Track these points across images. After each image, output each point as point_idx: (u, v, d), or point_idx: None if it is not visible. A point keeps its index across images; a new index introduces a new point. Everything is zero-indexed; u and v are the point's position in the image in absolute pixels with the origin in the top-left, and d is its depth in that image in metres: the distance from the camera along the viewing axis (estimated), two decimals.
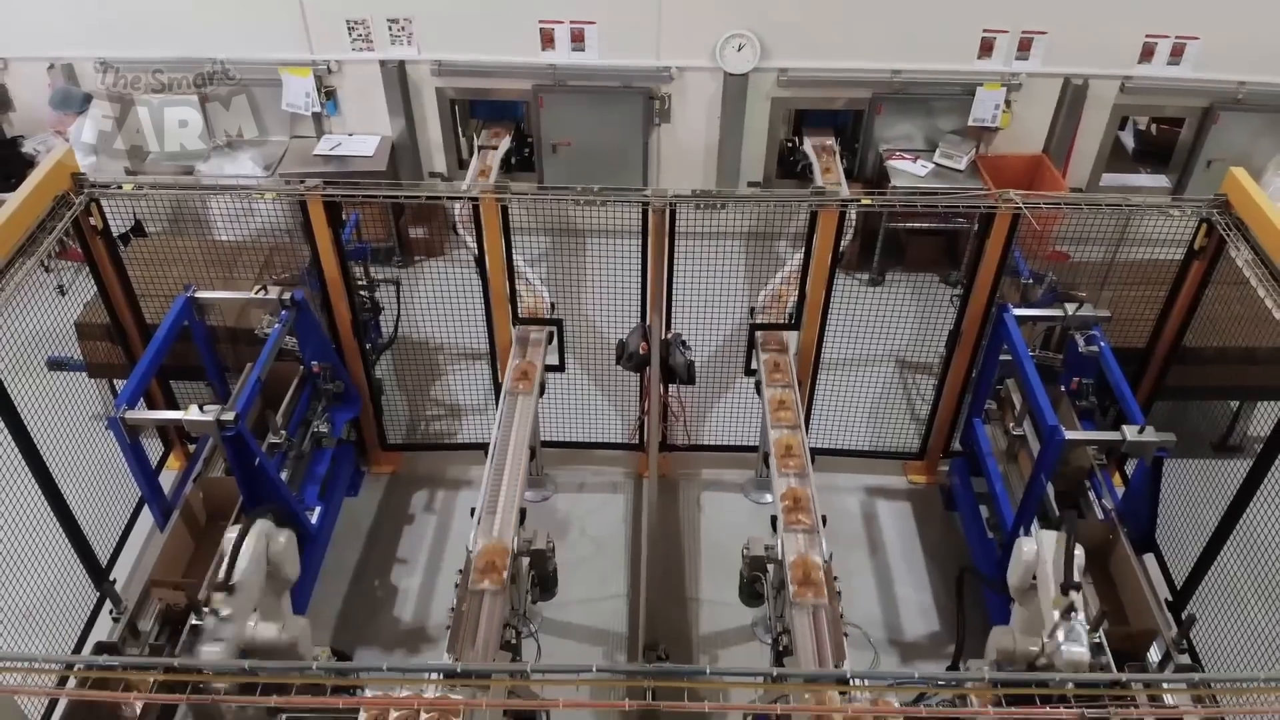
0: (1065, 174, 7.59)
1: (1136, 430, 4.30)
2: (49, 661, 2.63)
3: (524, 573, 4.24)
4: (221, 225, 6.83)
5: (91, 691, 2.59)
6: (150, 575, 4.43)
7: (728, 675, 2.61)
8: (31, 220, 4.47)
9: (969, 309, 5.25)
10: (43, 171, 4.65)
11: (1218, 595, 4.89)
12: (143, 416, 4.43)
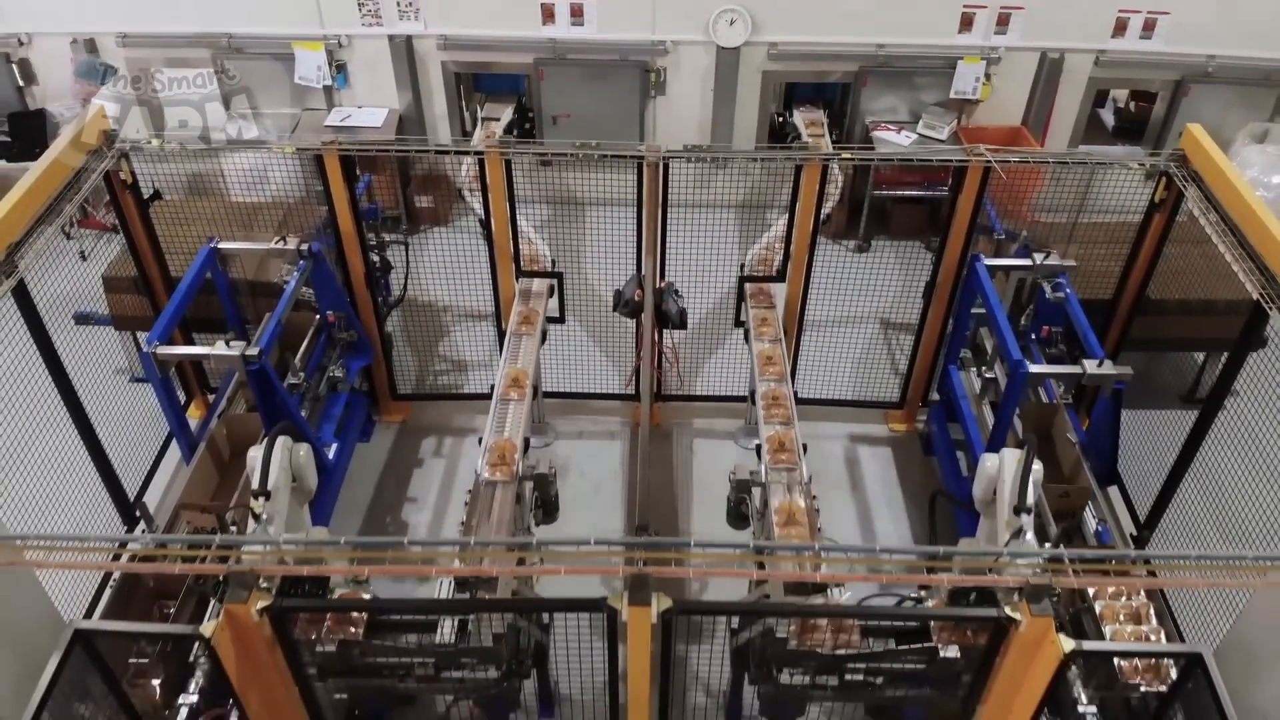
0: (1043, 144, 7.87)
1: (1096, 364, 4.60)
2: (103, 540, 2.92)
3: (528, 495, 4.53)
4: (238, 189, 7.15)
5: (144, 565, 2.88)
6: (179, 501, 4.73)
7: (710, 547, 2.89)
8: (68, 172, 4.74)
9: (944, 261, 5.54)
10: (78, 127, 4.93)
11: (1178, 528, 5.19)
12: (172, 351, 4.71)
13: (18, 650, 3.44)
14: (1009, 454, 4.01)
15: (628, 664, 3.00)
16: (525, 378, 5.21)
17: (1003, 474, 3.97)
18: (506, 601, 3.56)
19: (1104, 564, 3.16)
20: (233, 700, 3.59)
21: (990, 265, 5.30)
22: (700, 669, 4.90)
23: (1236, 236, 4.46)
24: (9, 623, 3.49)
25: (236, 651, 2.90)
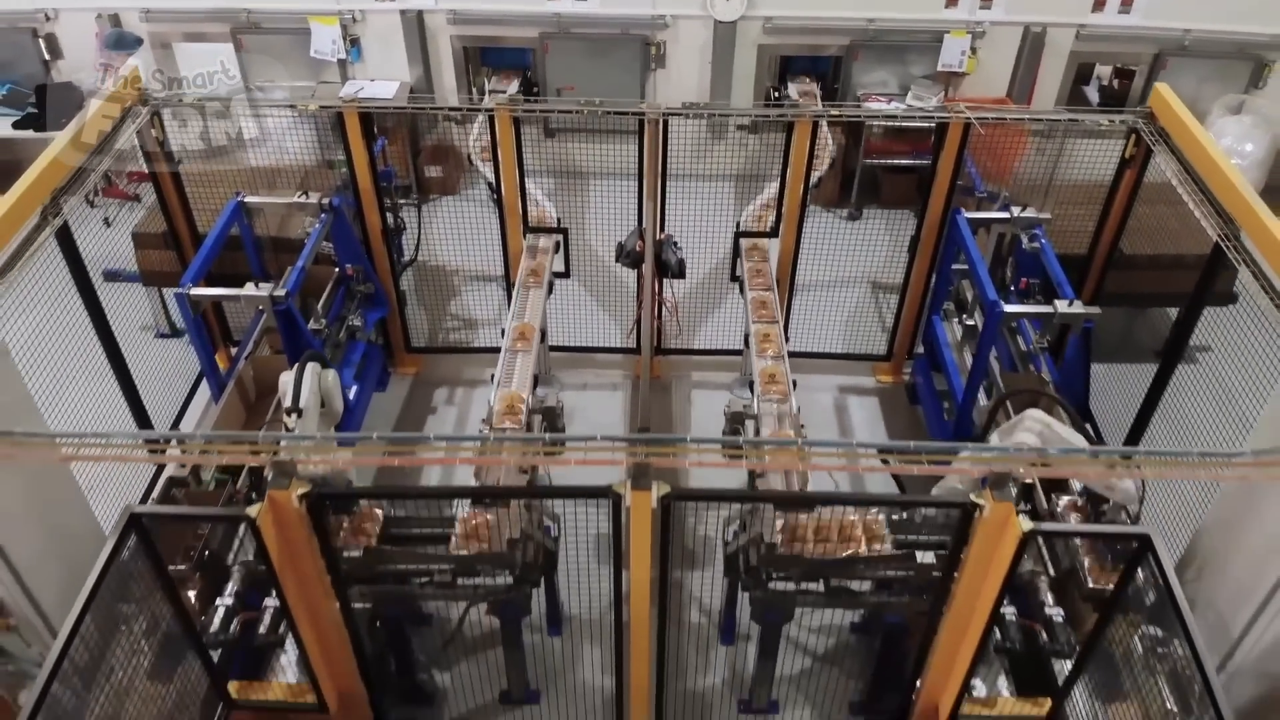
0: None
1: (1067, 304, 4.90)
2: (152, 434, 3.21)
3: (538, 427, 4.83)
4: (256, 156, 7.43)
5: (195, 456, 3.17)
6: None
7: (705, 442, 3.19)
8: (107, 125, 5.03)
9: (927, 215, 5.83)
10: (115, 85, 5.22)
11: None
12: (204, 292, 5.01)
13: (61, 555, 3.74)
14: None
15: (630, 547, 3.30)
16: (532, 331, 5.49)
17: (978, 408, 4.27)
18: (523, 490, 3.86)
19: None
20: (272, 591, 3.93)
21: (971, 219, 5.60)
22: (696, 589, 5.23)
23: (1199, 185, 4.75)
24: (56, 527, 3.79)
25: (277, 534, 3.20)
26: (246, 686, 3.95)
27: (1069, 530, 3.77)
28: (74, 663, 3.03)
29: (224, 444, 3.34)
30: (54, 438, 3.33)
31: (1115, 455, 3.35)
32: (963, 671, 3.67)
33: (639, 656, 3.96)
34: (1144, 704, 3.56)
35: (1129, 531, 3.31)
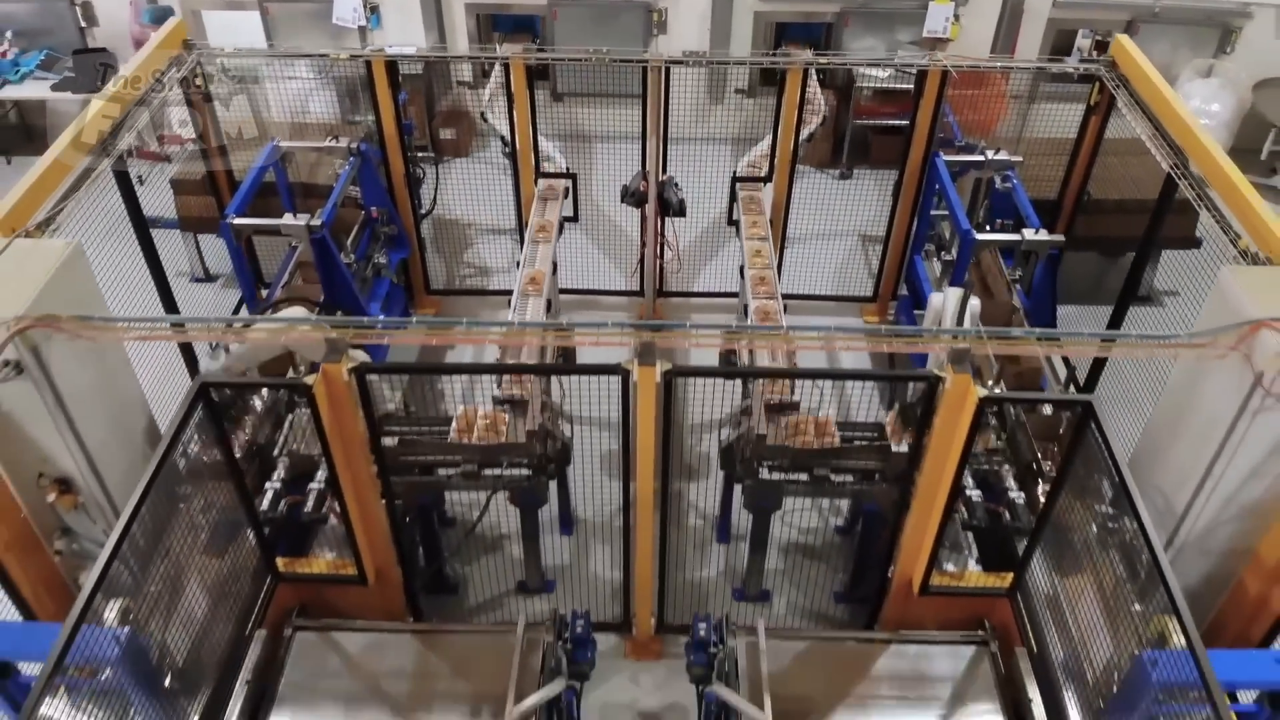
0: (1007, 80, 8.53)
1: (1034, 232, 5.31)
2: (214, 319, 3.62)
3: (551, 347, 5.24)
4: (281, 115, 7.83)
5: (252, 332, 3.59)
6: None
7: (702, 328, 3.60)
8: (153, 72, 5.43)
9: (909, 159, 6.23)
10: (161, 36, 5.61)
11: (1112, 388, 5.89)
12: (247, 222, 5.41)
13: (123, 441, 4.14)
14: (951, 291, 4.72)
15: (637, 418, 3.72)
16: (542, 277, 5.88)
17: (945, 307, 4.68)
18: (546, 366, 4.28)
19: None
20: (315, 475, 4.35)
21: (949, 161, 6.00)
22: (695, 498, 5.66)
23: (1154, 124, 5.15)
24: (119, 415, 4.18)
25: (329, 403, 3.61)
26: (292, 562, 4.37)
27: (1020, 398, 4.19)
28: (140, 531, 3.42)
29: (283, 325, 3.76)
30: (129, 321, 3.73)
31: (1058, 337, 3.76)
32: (931, 541, 4.09)
33: (644, 543, 4.40)
34: (1097, 575, 3.96)
35: (1073, 399, 3.72)
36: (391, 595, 4.46)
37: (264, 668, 4.04)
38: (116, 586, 3.29)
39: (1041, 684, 3.95)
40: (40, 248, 3.91)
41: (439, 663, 4.13)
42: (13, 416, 3.75)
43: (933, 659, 4.17)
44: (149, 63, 5.24)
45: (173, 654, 3.55)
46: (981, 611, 4.33)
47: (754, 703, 3.82)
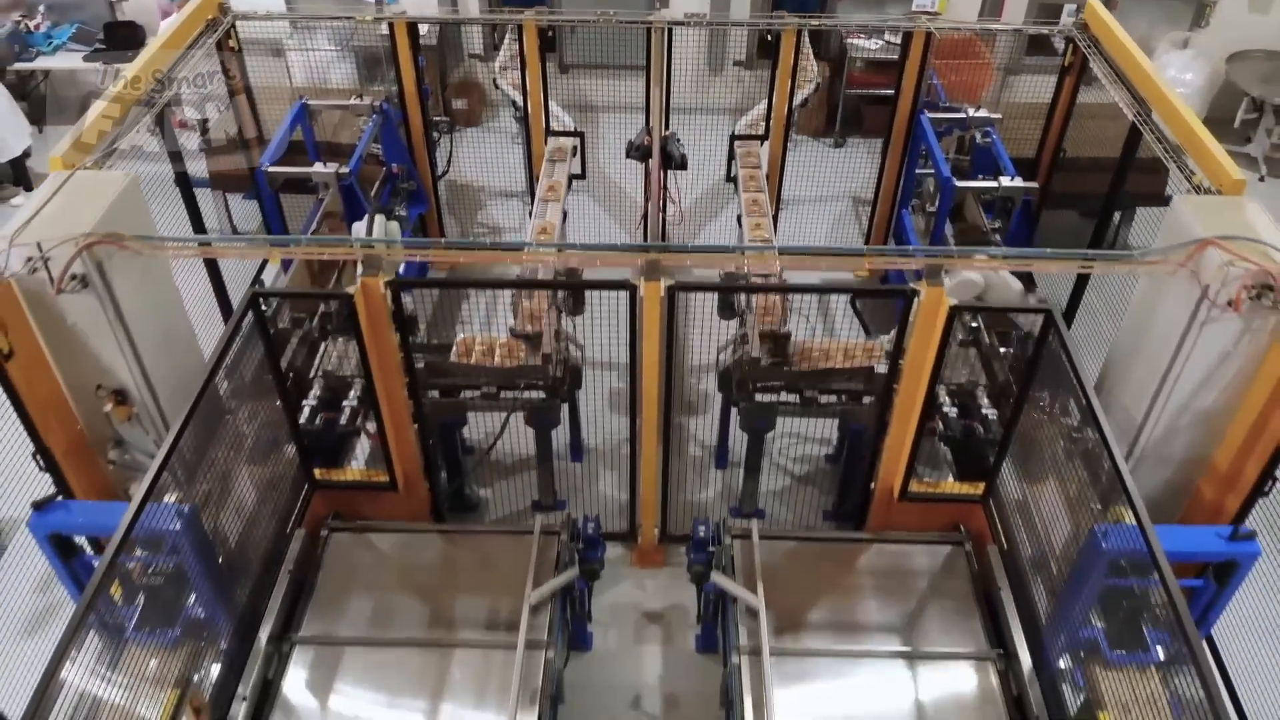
0: (993, 51, 8.86)
1: (1009, 179, 5.64)
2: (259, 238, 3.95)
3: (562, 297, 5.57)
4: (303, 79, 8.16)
5: (298, 250, 3.92)
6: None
7: (701, 249, 3.93)
8: (191, 33, 5.75)
9: (896, 117, 6.56)
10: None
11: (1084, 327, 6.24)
12: (280, 170, 5.74)
13: (172, 360, 4.47)
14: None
15: (643, 330, 4.06)
16: (553, 228, 6.21)
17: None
18: (562, 282, 4.61)
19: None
20: (348, 394, 4.70)
21: (933, 119, 6.33)
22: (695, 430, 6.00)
23: (1120, 79, 5.48)
24: (169, 334, 4.51)
25: (368, 312, 3.96)
26: (327, 472, 4.72)
27: (985, 308, 4.54)
28: (197, 427, 3.76)
29: (326, 245, 4.10)
30: (184, 240, 4.07)
31: (1022, 255, 4.10)
32: (909, 448, 4.44)
33: (649, 455, 4.74)
34: (1061, 478, 4.30)
35: (1036, 308, 4.06)
36: (418, 503, 4.81)
37: (303, 562, 4.39)
38: (176, 476, 3.63)
39: (1011, 576, 4.29)
40: (101, 178, 4.25)
41: (463, 559, 4.49)
42: (77, 329, 4.09)
43: (912, 556, 4.51)
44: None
45: (225, 538, 3.90)
46: (958, 517, 4.68)
47: (748, 590, 4.17)
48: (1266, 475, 4.12)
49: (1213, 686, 2.83)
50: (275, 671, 4.00)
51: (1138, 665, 3.70)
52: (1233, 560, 3.71)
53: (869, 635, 4.19)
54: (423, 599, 4.29)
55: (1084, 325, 6.20)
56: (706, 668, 4.68)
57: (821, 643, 4.14)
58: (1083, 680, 3.70)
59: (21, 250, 3.85)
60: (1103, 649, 3.74)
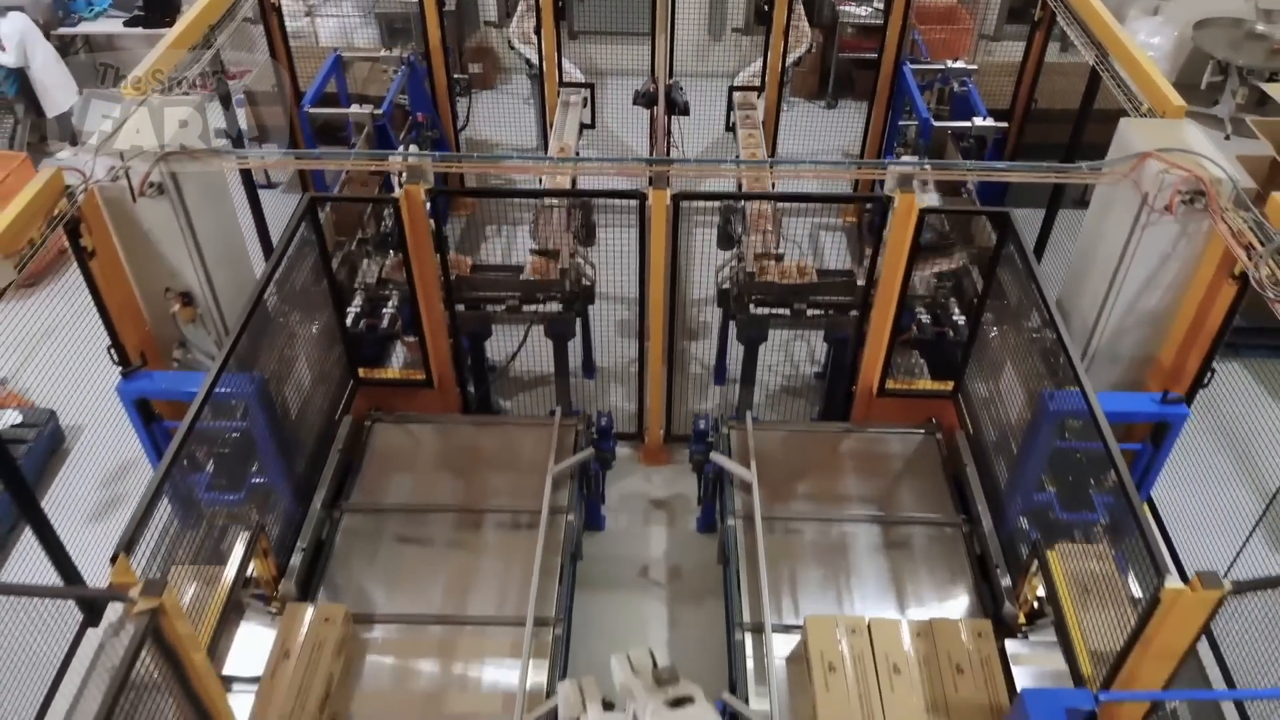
0: (974, 17, 9.31)
1: (982, 120, 6.11)
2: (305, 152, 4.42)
3: (575, 214, 6.03)
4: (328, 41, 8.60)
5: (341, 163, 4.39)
6: None
7: (705, 161, 4.40)
8: None
9: (881, 69, 7.01)
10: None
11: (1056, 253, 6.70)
12: (320, 111, 6.19)
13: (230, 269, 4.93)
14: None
15: (651, 235, 4.53)
16: (569, 148, 6.66)
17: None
18: (578, 190, 5.08)
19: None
20: (387, 303, 5.16)
21: (915, 69, 6.79)
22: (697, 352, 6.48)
23: (1084, 29, 5.93)
24: (228, 246, 4.97)
25: (410, 216, 4.43)
26: (370, 371, 5.20)
27: (951, 210, 5.04)
28: (265, 307, 4.24)
29: (374, 159, 4.56)
30: (246, 153, 4.53)
31: (985, 168, 4.57)
32: (886, 345, 4.91)
33: (656, 356, 5.21)
34: (1022, 375, 4.76)
35: (995, 210, 4.53)
36: (451, 401, 5.28)
37: (349, 447, 4.87)
38: (246, 351, 4.11)
39: (976, 457, 4.78)
40: (169, 103, 4.71)
41: (492, 443, 4.96)
42: (151, 233, 4.55)
43: (888, 442, 4.99)
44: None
45: (287, 411, 4.38)
46: (931, 413, 5.15)
47: (743, 466, 4.65)
48: (1205, 368, 4.60)
49: (1144, 523, 3.21)
50: (327, 533, 4.49)
51: (1086, 525, 4.18)
52: (1165, 421, 4.18)
53: (849, 505, 4.68)
54: (457, 475, 4.78)
55: (1050, 264, 6.67)
56: (705, 544, 5.17)
57: (807, 510, 4.62)
58: (1036, 532, 4.16)
59: (105, 160, 4.32)
60: (1055, 510, 4.21)
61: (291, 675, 3.70)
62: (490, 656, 3.94)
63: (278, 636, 3.86)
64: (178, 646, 2.75)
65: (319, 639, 3.82)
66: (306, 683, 3.69)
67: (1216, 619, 2.90)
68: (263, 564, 4.02)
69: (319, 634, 3.83)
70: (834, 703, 3.64)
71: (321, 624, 3.87)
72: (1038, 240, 6.68)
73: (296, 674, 3.70)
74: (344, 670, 3.86)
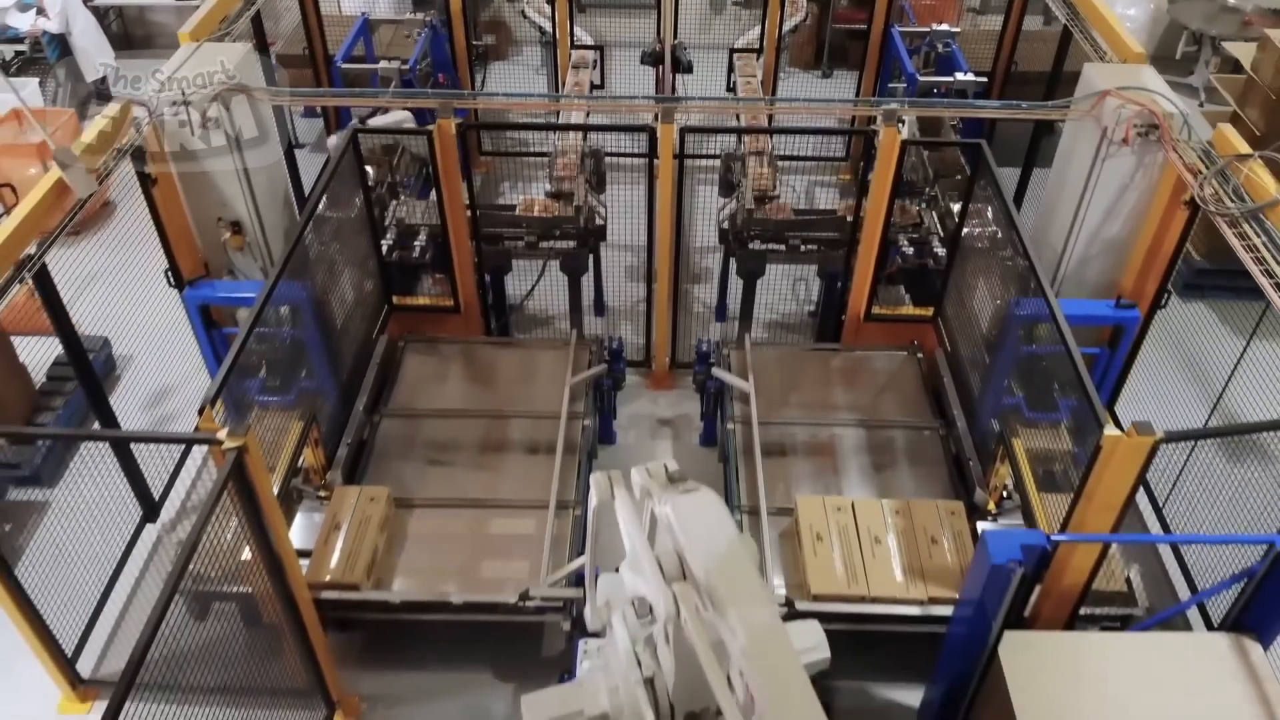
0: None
1: (963, 74, 6.52)
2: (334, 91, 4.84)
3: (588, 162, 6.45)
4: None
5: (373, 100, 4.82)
6: None
7: (709, 99, 4.81)
8: None
9: (870, 34, 7.42)
10: None
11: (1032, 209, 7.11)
12: (351, 66, 6.61)
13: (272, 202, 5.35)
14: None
15: (660, 167, 4.95)
16: (583, 86, 7.06)
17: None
18: (592, 125, 5.49)
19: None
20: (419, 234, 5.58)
21: (903, 32, 7.20)
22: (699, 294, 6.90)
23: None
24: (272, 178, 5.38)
25: (441, 148, 4.85)
26: (402, 298, 5.62)
27: (928, 141, 5.46)
28: (316, 224, 4.66)
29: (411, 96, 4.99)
30: (297, 91, 4.94)
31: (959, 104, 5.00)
32: (872, 273, 5.33)
33: (663, 282, 5.64)
34: (995, 296, 5.17)
35: (969, 141, 4.96)
36: (475, 326, 5.71)
37: (385, 363, 5.30)
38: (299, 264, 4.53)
39: (953, 372, 5.21)
40: (225, 47, 5.12)
41: (515, 361, 5.40)
42: (207, 165, 4.98)
43: (874, 360, 5.43)
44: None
45: (332, 320, 4.81)
46: (913, 336, 5.58)
47: (741, 379, 5.09)
48: (1162, 289, 5.02)
49: (1085, 378, 3.65)
50: (368, 435, 4.92)
51: (1050, 423, 4.60)
52: (1120, 325, 4.60)
53: (837, 413, 5.11)
54: (484, 387, 5.21)
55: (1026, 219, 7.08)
56: (708, 455, 5.59)
57: (799, 416, 5.05)
58: (1002, 427, 4.59)
59: (168, 95, 4.73)
60: (1022, 410, 4.63)
61: (341, 544, 4.14)
62: (517, 534, 4.37)
63: (328, 512, 4.29)
64: (256, 481, 3.18)
65: (366, 515, 4.25)
66: (355, 550, 4.12)
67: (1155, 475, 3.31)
68: (313, 453, 4.45)
69: (366, 511, 4.27)
70: (821, 566, 4.07)
71: (368, 502, 4.30)
72: (1015, 197, 7.10)
73: (346, 543, 4.14)
74: (387, 545, 4.29)
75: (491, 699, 4.37)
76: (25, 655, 4.17)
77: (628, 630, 2.96)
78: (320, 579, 4.02)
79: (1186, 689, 3.49)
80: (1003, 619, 3.43)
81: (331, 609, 4.02)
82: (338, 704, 4.17)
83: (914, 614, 3.99)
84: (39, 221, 3.97)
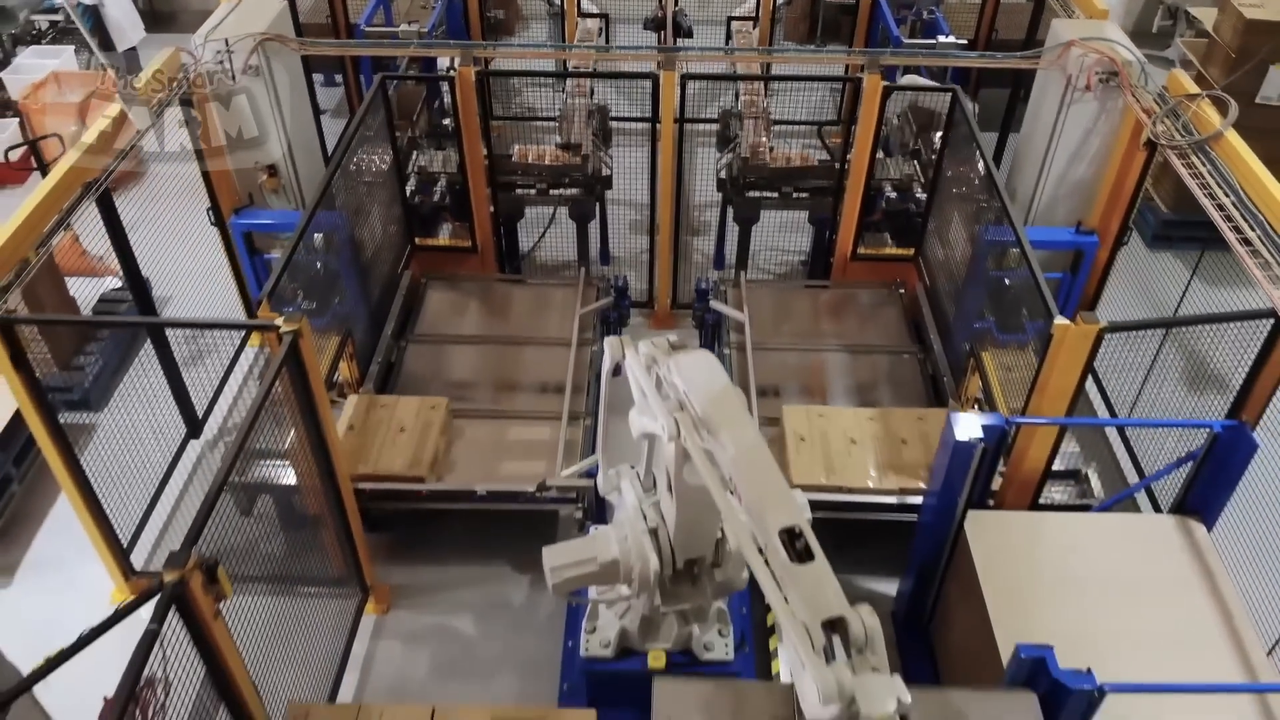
0: None
1: (945, 38, 6.90)
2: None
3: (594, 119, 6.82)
4: None
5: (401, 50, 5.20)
6: None
7: (709, 49, 5.19)
8: None
9: (860, 6, 7.80)
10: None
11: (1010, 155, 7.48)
12: (374, 28, 6.98)
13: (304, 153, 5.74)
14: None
15: (663, 111, 5.34)
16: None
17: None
18: (597, 73, 5.88)
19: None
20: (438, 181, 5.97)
21: (890, 2, 7.58)
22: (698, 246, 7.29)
23: None
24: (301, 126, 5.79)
25: (463, 93, 5.24)
26: (424, 239, 6.02)
27: (909, 86, 5.86)
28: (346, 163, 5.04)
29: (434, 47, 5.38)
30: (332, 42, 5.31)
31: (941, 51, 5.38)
32: (857, 215, 5.72)
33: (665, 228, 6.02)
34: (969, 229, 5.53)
35: (945, 86, 5.35)
36: (490, 266, 6.11)
37: (409, 296, 5.69)
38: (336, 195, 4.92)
39: (931, 305, 5.60)
40: (263, 2, 5.51)
41: (529, 297, 5.80)
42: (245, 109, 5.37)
43: (859, 295, 5.82)
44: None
45: (363, 250, 5.20)
46: (896, 274, 5.97)
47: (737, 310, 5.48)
48: (1124, 228, 5.41)
49: (1036, 272, 4.03)
50: (396, 357, 5.32)
51: (1018, 344, 4.99)
52: (1079, 248, 5.00)
53: (824, 339, 5.50)
54: (501, 318, 5.61)
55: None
56: None
57: (789, 342, 5.45)
58: (973, 345, 4.98)
59: (212, 45, 5.12)
60: (992, 331, 5.02)
61: (403, 442, 4.54)
62: (534, 439, 4.77)
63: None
64: (308, 365, 3.57)
65: (428, 420, 4.66)
66: (419, 447, 4.53)
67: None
68: (348, 366, 4.85)
69: (427, 416, 4.68)
70: (803, 462, 4.47)
71: (429, 410, 4.70)
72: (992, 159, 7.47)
73: (410, 441, 4.54)
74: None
75: (510, 588, 4.78)
76: (83, 556, 4.56)
77: (634, 490, 3.37)
78: (376, 471, 4.41)
79: (1138, 563, 3.85)
80: (967, 495, 3.83)
81: (370, 499, 4.42)
82: (371, 589, 4.57)
83: (889, 503, 4.39)
84: (109, 142, 4.35)
